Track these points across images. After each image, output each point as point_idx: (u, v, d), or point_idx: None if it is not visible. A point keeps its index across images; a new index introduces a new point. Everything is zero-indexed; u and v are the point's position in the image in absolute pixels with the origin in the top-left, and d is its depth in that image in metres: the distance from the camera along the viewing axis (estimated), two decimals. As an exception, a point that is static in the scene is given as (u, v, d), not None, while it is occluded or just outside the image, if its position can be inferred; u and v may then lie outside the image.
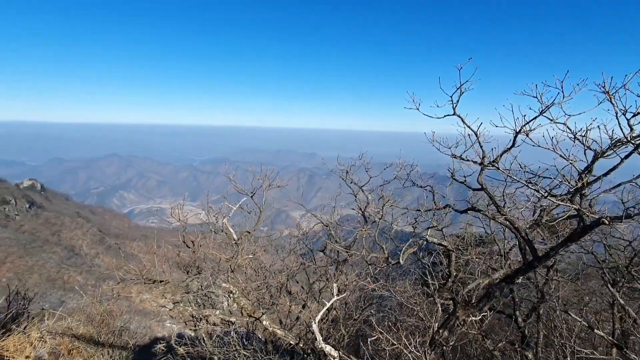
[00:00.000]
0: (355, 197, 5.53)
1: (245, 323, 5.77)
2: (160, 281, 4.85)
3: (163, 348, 5.83)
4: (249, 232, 5.21)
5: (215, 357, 5.33)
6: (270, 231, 6.70)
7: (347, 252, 5.07)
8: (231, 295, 4.77)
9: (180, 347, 5.44)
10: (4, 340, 4.41)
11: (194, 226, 6.69)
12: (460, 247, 4.21)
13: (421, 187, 4.68)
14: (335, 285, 3.65)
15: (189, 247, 5.08)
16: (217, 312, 4.74)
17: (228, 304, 5.65)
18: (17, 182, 53.29)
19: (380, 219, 4.72)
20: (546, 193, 3.43)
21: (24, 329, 4.92)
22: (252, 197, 5.14)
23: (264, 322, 4.86)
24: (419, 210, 4.41)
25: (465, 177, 4.35)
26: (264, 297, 5.84)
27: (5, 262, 35.15)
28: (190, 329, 7.00)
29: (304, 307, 6.56)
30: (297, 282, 7.62)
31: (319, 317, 3.43)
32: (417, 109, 4.11)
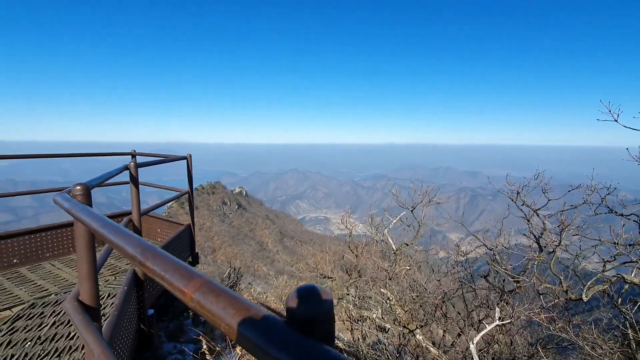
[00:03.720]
0: (528, 221, 4.90)
1: (398, 334, 5.97)
2: (329, 277, 5.71)
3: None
4: (407, 244, 5.45)
5: (369, 360, 5.75)
6: (425, 251, 6.69)
7: (515, 280, 4.55)
8: (388, 301, 5.11)
9: (338, 342, 6.16)
10: (227, 300, 6.21)
11: (355, 236, 7.46)
12: (683, 299, 3.08)
13: (622, 215, 3.74)
14: (497, 308, 3.38)
15: (353, 252, 5.77)
16: (374, 315, 5.17)
17: (382, 311, 6.01)
18: (231, 189, 70.80)
19: (560, 248, 4.05)
20: None
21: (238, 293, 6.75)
22: (412, 211, 5.38)
23: (418, 336, 4.95)
24: (616, 243, 3.53)
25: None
26: (418, 313, 5.90)
27: (222, 247, 47.48)
28: (347, 329, 7.74)
29: (459, 335, 6.18)
30: (454, 307, 7.20)
31: (477, 338, 3.31)
32: (616, 121, 3.42)
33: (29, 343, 2.88)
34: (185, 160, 4.82)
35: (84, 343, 1.35)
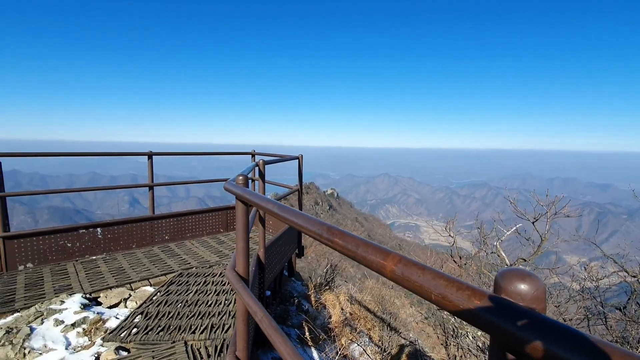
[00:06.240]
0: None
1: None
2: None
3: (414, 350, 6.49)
4: (525, 260, 4.90)
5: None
6: (550, 269, 5.85)
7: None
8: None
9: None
10: (325, 294, 6.52)
11: (449, 247, 6.93)
12: None
13: None
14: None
15: (456, 262, 5.45)
16: (479, 332, 4.79)
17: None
18: (324, 190, 73.44)
19: None
20: None
21: (334, 290, 7.02)
22: (533, 223, 4.82)
23: None
24: None
25: None
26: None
27: (312, 244, 49.68)
28: (441, 344, 7.29)
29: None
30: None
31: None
32: None
33: (180, 304, 3.56)
34: (297, 160, 5.28)
35: (245, 305, 1.64)
